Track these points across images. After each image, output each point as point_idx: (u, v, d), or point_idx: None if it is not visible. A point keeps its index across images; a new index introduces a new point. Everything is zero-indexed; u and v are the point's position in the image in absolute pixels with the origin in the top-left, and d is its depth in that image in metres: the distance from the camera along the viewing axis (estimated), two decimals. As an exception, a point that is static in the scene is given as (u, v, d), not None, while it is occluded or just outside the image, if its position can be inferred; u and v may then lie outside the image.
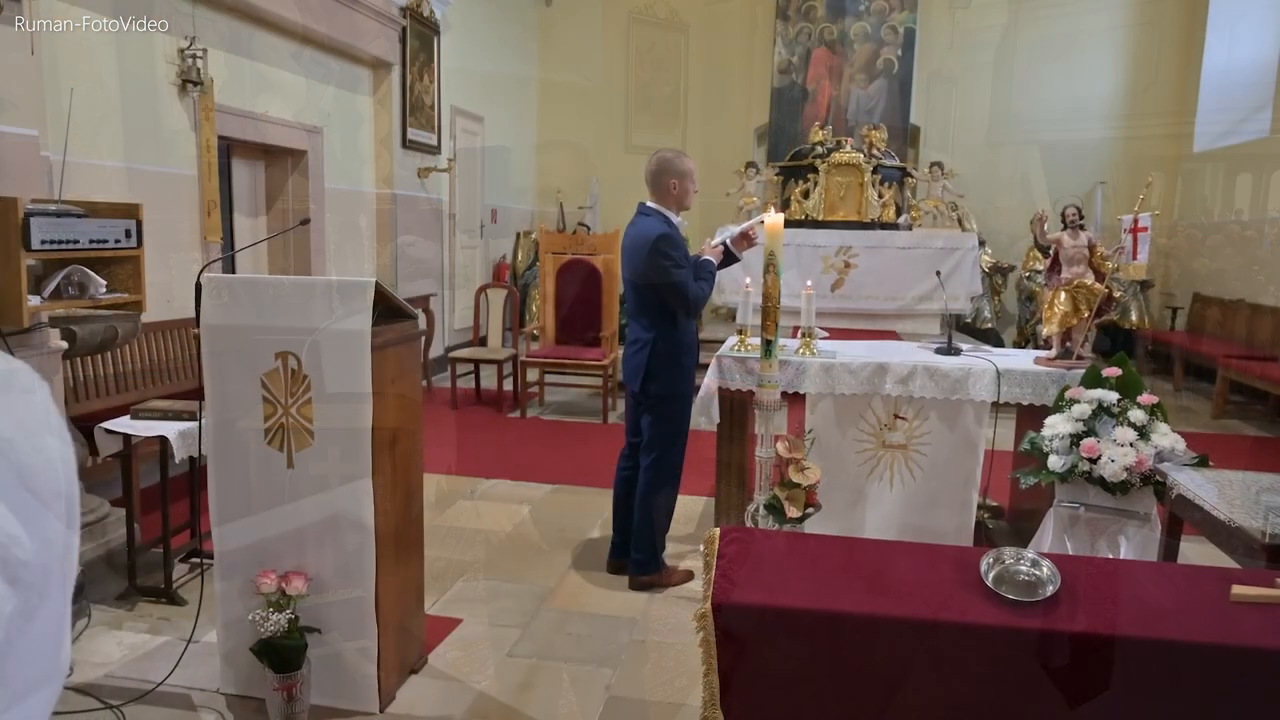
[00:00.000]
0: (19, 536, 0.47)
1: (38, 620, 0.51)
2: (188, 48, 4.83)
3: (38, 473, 0.50)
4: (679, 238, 3.47)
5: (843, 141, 8.20)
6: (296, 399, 2.47)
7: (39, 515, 0.50)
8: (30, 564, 0.48)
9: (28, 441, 0.50)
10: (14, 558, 0.47)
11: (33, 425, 0.51)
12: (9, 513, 0.47)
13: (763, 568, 1.82)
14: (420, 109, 7.40)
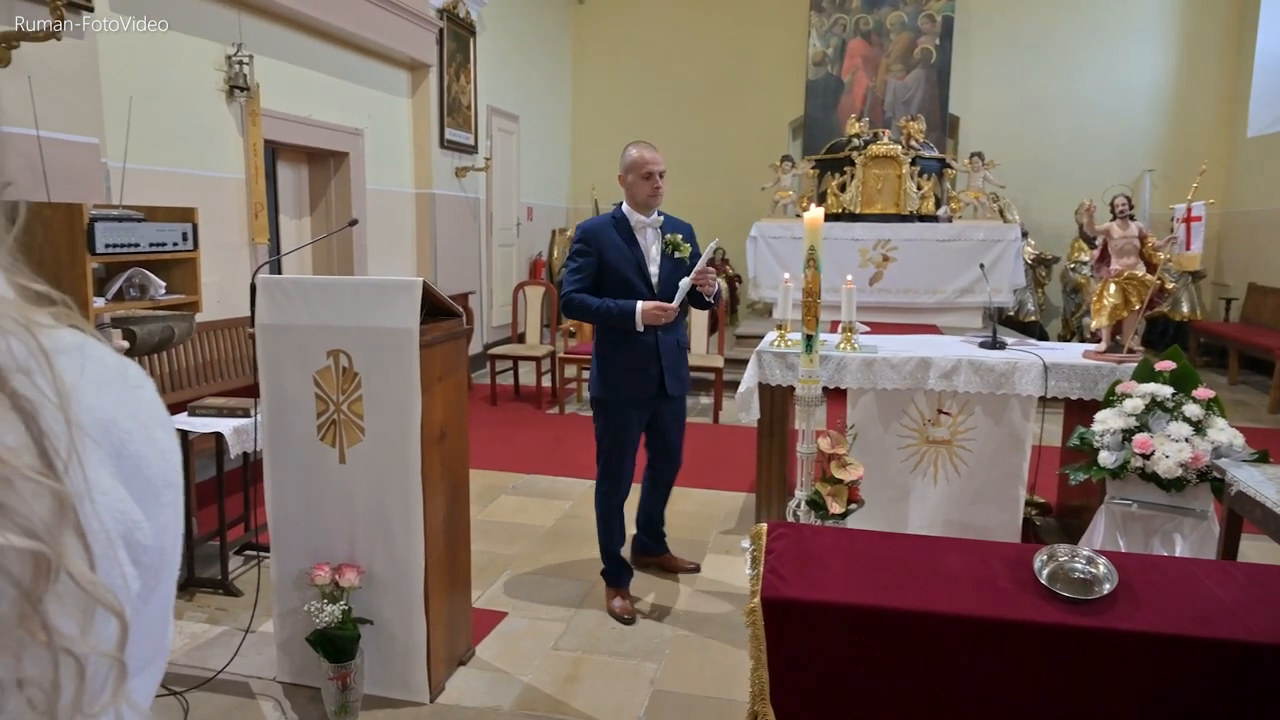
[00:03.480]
0: (141, 522, 0.50)
1: (152, 602, 0.54)
2: (234, 54, 4.93)
3: (152, 463, 0.53)
4: (600, 237, 3.11)
5: (880, 133, 8.12)
6: (348, 396, 2.52)
7: (155, 503, 0.52)
8: (149, 548, 0.51)
9: (142, 433, 0.52)
10: (137, 542, 0.50)
11: (145, 419, 0.54)
12: (131, 499, 0.50)
13: (811, 563, 1.82)
14: (457, 109, 7.47)
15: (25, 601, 0.40)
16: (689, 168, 9.93)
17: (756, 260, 7.87)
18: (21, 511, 0.41)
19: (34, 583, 0.41)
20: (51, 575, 0.41)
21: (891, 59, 8.97)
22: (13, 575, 0.40)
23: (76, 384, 0.46)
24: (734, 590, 3.43)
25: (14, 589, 0.40)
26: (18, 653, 0.40)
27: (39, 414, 0.43)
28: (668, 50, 10.08)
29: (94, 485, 0.46)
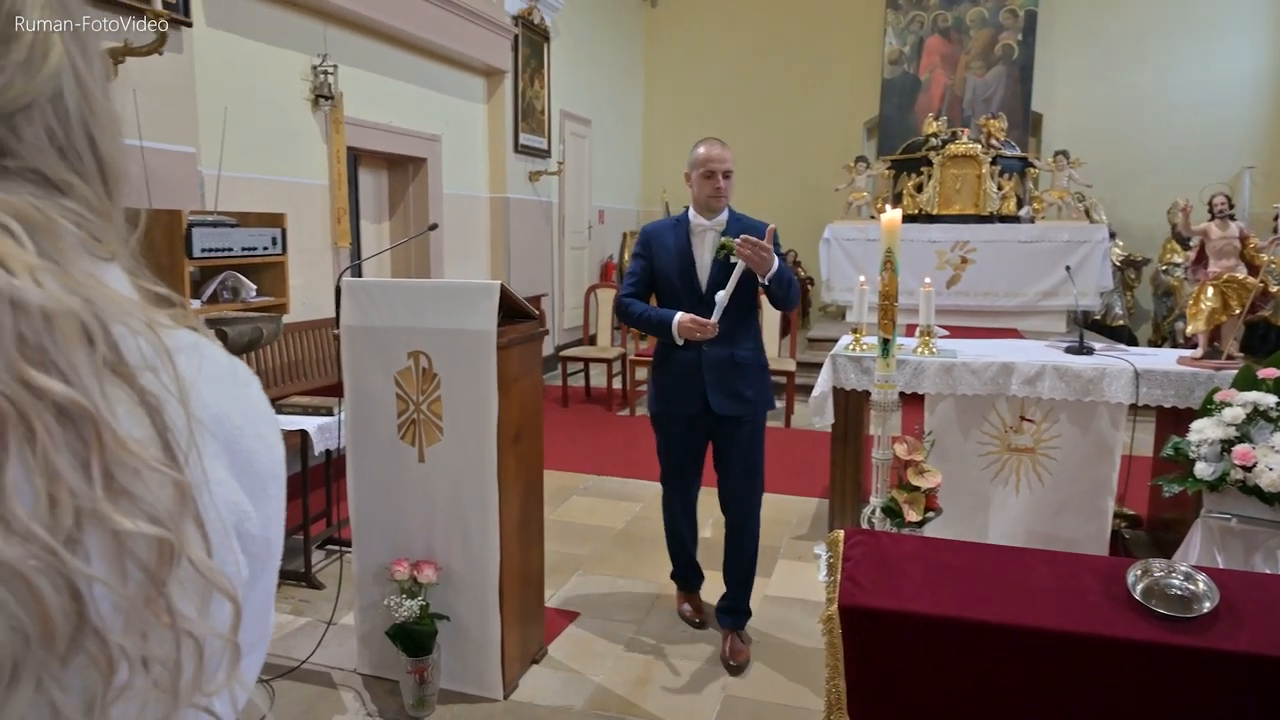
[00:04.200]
0: (250, 513, 0.53)
1: (257, 589, 0.56)
2: (320, 64, 5.10)
3: (260, 457, 0.55)
4: (655, 240, 2.93)
5: (959, 132, 7.92)
6: (427, 396, 2.58)
7: (263, 495, 0.55)
8: (257, 538, 0.54)
9: (251, 429, 0.55)
10: (247, 531, 0.52)
11: (254, 415, 0.56)
12: (242, 491, 0.52)
13: (890, 571, 1.79)
14: (531, 114, 7.58)
15: (151, 584, 0.43)
16: (760, 169, 9.86)
17: (829, 262, 7.77)
18: (148, 500, 0.43)
19: (159, 567, 0.43)
20: (174, 560, 0.44)
21: (971, 56, 8.74)
22: (140, 559, 0.43)
23: (195, 381, 0.48)
24: (805, 597, 3.39)
25: (141, 572, 0.43)
26: (144, 632, 0.43)
27: (163, 409, 0.45)
28: (739, 51, 10.03)
29: (210, 477, 0.49)
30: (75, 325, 0.42)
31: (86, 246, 0.45)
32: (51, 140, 0.47)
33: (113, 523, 0.42)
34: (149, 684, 0.44)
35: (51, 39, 0.46)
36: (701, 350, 2.84)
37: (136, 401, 0.44)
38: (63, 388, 0.41)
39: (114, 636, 0.42)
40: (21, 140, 0.45)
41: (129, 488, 0.43)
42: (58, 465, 0.40)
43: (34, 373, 0.40)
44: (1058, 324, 7.34)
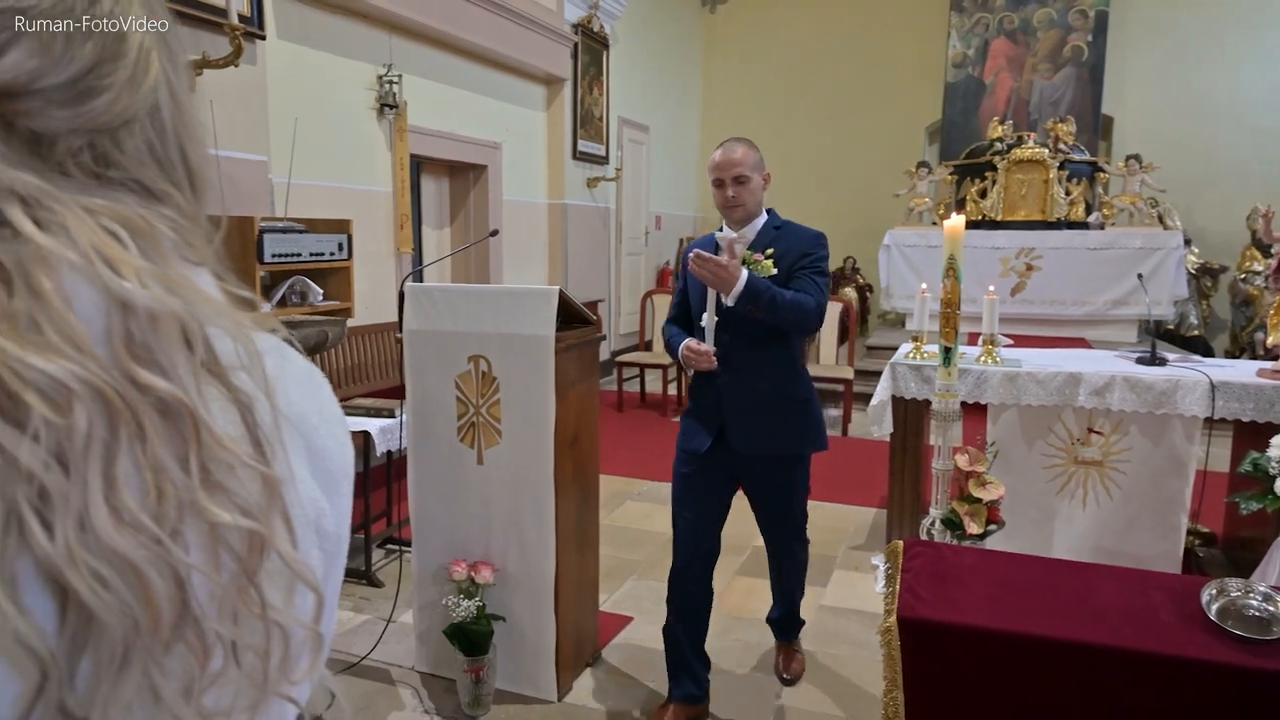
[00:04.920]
0: (327, 510, 0.55)
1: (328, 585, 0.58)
2: (385, 74, 5.23)
3: (334, 455, 0.58)
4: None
5: (1025, 136, 7.73)
6: (486, 399, 2.63)
7: (336, 493, 0.57)
8: (330, 534, 0.56)
9: (326, 428, 0.57)
10: (323, 528, 0.55)
11: (329, 415, 0.58)
12: (319, 488, 0.54)
13: (951, 583, 1.75)
14: (590, 121, 7.65)
15: (243, 574, 0.45)
16: (820, 175, 9.78)
17: (889, 269, 7.66)
18: (241, 494, 0.45)
19: (250, 558, 0.46)
20: (265, 552, 0.46)
21: (1038, 58, 8.53)
22: (234, 550, 0.45)
23: (279, 381, 0.50)
24: (862, 608, 3.34)
25: (234, 563, 0.45)
26: (236, 620, 0.45)
27: (254, 407, 0.48)
28: (799, 56, 9.96)
29: (294, 474, 0.51)
30: (176, 326, 0.45)
31: (180, 252, 0.47)
32: (151, 152, 0.49)
33: (210, 515, 0.44)
34: (240, 671, 0.46)
35: (151, 55, 0.49)
36: (725, 377, 2.47)
37: (229, 399, 0.47)
38: (166, 385, 0.43)
39: (210, 624, 0.44)
40: (124, 152, 0.48)
41: (223, 482, 0.45)
42: (163, 459, 0.43)
43: (141, 370, 0.43)
44: (1128, 334, 7.10)
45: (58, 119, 0.45)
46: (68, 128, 0.46)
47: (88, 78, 0.46)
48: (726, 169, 2.52)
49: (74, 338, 0.41)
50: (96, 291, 0.42)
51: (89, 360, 0.41)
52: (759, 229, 2.56)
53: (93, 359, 0.41)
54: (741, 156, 2.51)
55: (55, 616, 0.40)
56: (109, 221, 0.44)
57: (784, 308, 2.36)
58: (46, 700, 0.39)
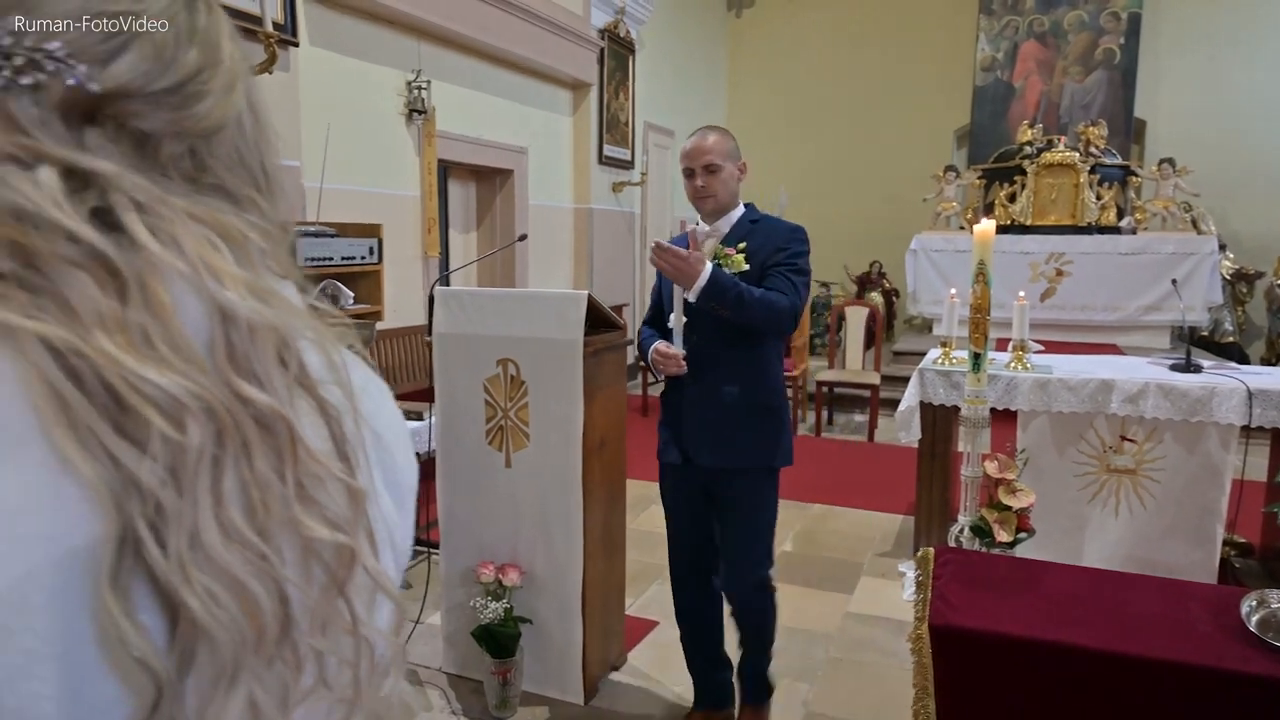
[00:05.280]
0: (398, 523, 0.55)
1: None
2: (414, 80, 5.29)
3: (403, 469, 0.58)
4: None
5: (1055, 140, 7.65)
6: (515, 402, 2.64)
7: (404, 507, 0.57)
8: (400, 549, 0.56)
9: (395, 441, 0.57)
10: (395, 542, 0.55)
11: (397, 429, 0.58)
12: (392, 502, 0.55)
13: (983, 591, 1.74)
14: (615, 126, 7.67)
15: (333, 588, 0.45)
16: (846, 179, 9.74)
17: (916, 274, 7.60)
18: (331, 508, 0.46)
19: (340, 572, 0.46)
20: (353, 566, 0.46)
21: (1069, 61, 8.44)
22: (326, 564, 0.45)
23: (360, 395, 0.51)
24: (889, 615, 3.31)
25: (325, 576, 0.45)
26: (324, 634, 0.45)
27: (342, 421, 0.48)
28: (825, 60, 9.93)
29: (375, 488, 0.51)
30: (273, 339, 0.45)
31: (266, 262, 0.48)
32: (239, 159, 0.50)
33: (306, 529, 0.44)
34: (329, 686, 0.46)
35: (239, 64, 0.50)
36: (691, 383, 2.32)
37: (318, 412, 0.47)
38: (266, 398, 0.43)
39: (304, 638, 0.44)
40: (216, 158, 0.49)
41: (315, 495, 0.45)
42: (265, 474, 0.43)
43: (243, 383, 0.43)
44: (1161, 340, 7.00)
45: (164, 122, 0.46)
46: (172, 131, 0.46)
47: (192, 83, 0.47)
48: (696, 157, 2.31)
49: (186, 351, 0.41)
50: (201, 302, 0.43)
51: (199, 374, 0.41)
52: (734, 222, 2.36)
53: (202, 372, 0.41)
54: (713, 144, 2.30)
55: (166, 634, 0.40)
56: (209, 230, 0.45)
57: (752, 306, 2.16)
58: (160, 716, 0.39)
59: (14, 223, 0.40)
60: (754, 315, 2.18)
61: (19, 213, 0.40)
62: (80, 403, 0.38)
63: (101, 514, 0.38)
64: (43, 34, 0.42)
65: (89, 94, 0.43)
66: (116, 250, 0.41)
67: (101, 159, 0.42)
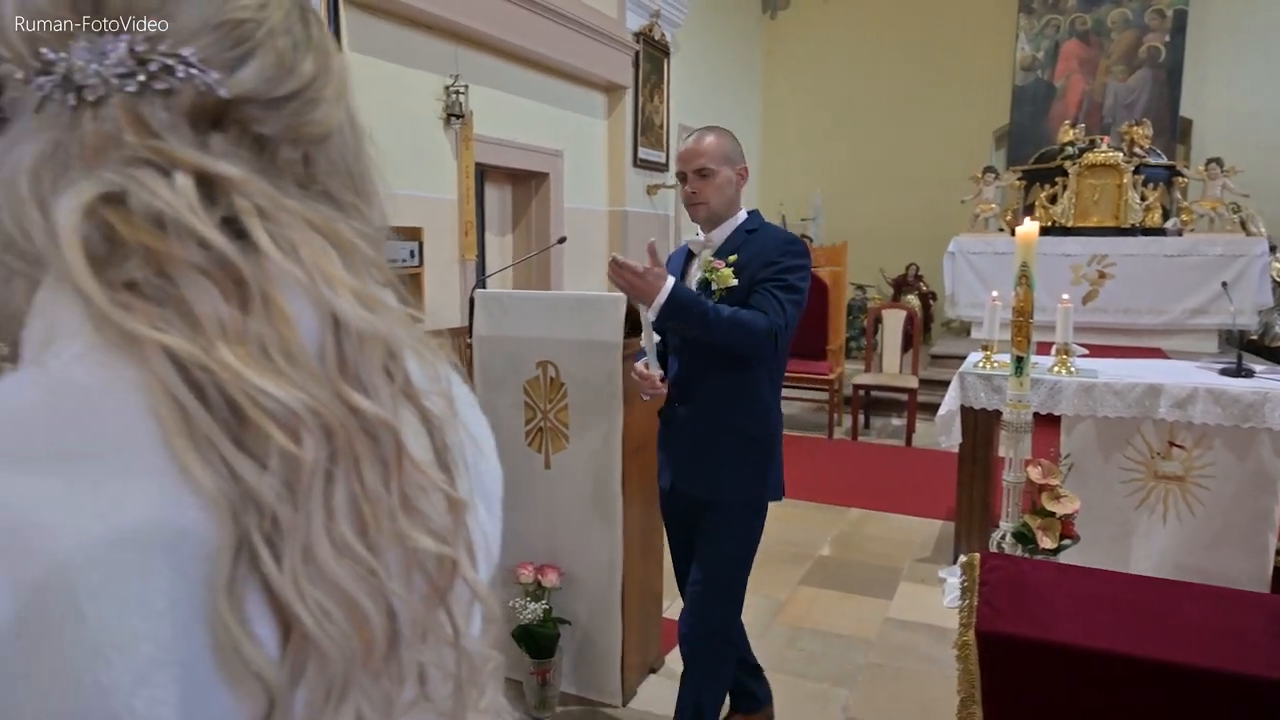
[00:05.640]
0: (490, 533, 0.56)
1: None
2: (452, 84, 5.34)
3: (492, 478, 0.58)
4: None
5: (1097, 140, 7.51)
6: (554, 404, 2.66)
7: (493, 516, 0.57)
8: (493, 559, 0.56)
9: (486, 449, 0.57)
10: (492, 556, 0.55)
11: (486, 436, 0.58)
12: (485, 512, 0.55)
13: (1031, 598, 1.71)
14: (650, 128, 7.68)
15: (434, 597, 0.45)
16: (882, 181, 9.66)
17: (954, 277, 7.51)
18: (434, 519, 0.46)
19: (441, 583, 0.46)
20: (454, 577, 0.46)
21: (1112, 60, 8.28)
22: (427, 573, 0.45)
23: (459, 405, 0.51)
24: (929, 622, 3.27)
25: (427, 586, 0.45)
26: (425, 642, 0.45)
27: (444, 431, 0.48)
28: (861, 61, 9.86)
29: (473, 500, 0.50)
30: (381, 348, 0.45)
31: (369, 270, 0.48)
32: (342, 165, 0.51)
33: (411, 541, 0.44)
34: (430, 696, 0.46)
35: (344, 72, 0.51)
36: (676, 405, 2.21)
37: (420, 422, 0.47)
38: (375, 409, 0.43)
39: (408, 651, 0.44)
40: (324, 164, 0.50)
41: (419, 506, 0.45)
42: (374, 487, 0.43)
43: (352, 393, 0.43)
44: (1208, 344, 6.84)
45: (282, 128, 0.47)
46: (289, 138, 0.47)
47: (309, 90, 0.48)
48: (688, 160, 2.16)
49: (302, 362, 0.41)
50: (316, 310, 0.43)
51: (315, 386, 0.41)
52: (730, 232, 2.18)
53: (317, 384, 0.42)
54: (706, 146, 2.13)
55: (278, 647, 0.40)
56: (323, 237, 0.45)
57: (720, 327, 1.96)
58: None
59: (150, 228, 0.40)
60: (724, 337, 1.99)
61: (157, 218, 0.40)
62: (201, 415, 0.39)
63: (218, 524, 0.38)
64: (177, 40, 0.43)
65: (217, 99, 0.44)
66: (242, 258, 0.41)
67: (228, 164, 0.43)
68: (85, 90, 0.42)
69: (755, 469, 2.14)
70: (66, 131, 0.42)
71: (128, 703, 0.36)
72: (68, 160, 0.42)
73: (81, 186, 0.40)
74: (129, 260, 0.40)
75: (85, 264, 0.39)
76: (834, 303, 6.66)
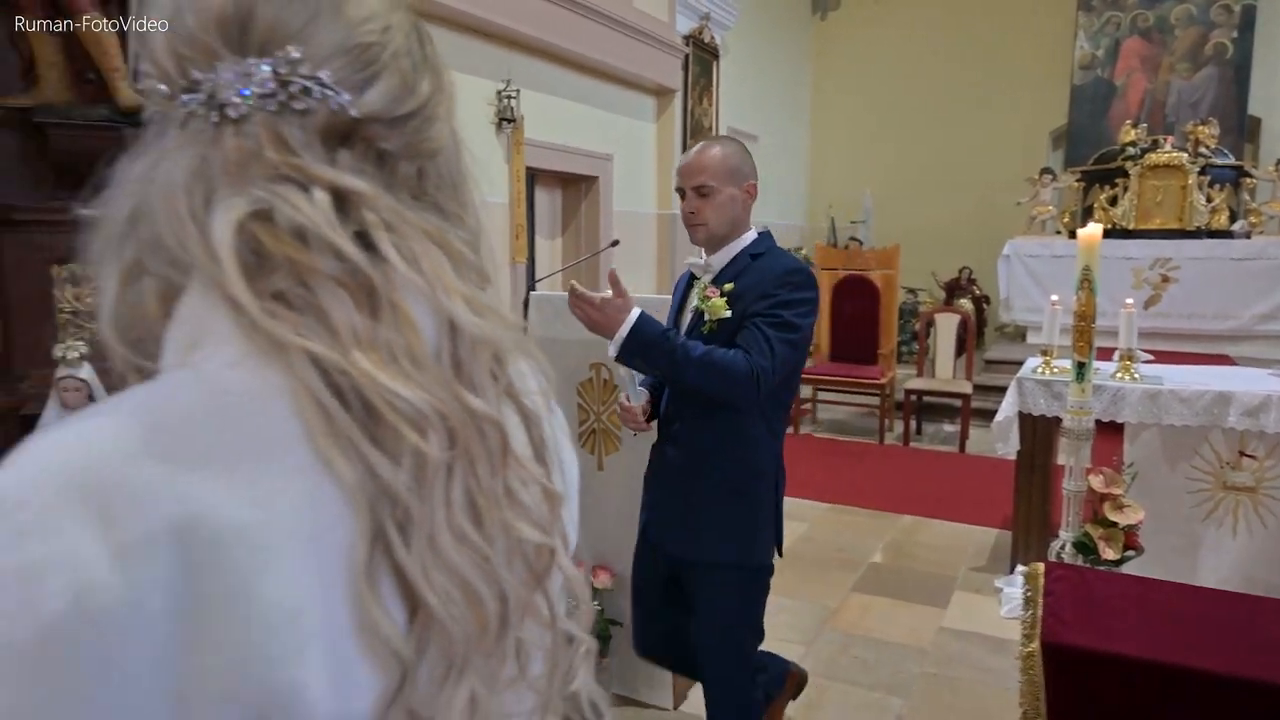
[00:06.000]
0: (572, 523, 0.58)
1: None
2: (504, 89, 5.40)
3: (572, 471, 0.61)
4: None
5: (1160, 140, 7.30)
6: (607, 406, 2.67)
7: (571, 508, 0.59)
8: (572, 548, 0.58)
9: (565, 443, 0.60)
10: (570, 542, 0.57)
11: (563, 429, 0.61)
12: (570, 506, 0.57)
13: (1100, 610, 1.67)
14: (699, 131, 7.67)
15: (533, 581, 0.49)
16: (935, 182, 9.51)
17: (1009, 280, 7.36)
18: (534, 510, 0.49)
19: (539, 566, 0.49)
20: (552, 565, 0.49)
21: (1176, 57, 8.04)
22: (528, 559, 0.48)
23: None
24: (985, 632, 3.21)
25: (527, 571, 0.48)
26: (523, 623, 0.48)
27: (541, 427, 0.51)
28: (913, 61, 9.71)
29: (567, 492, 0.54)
30: (490, 351, 0.48)
31: (471, 275, 0.51)
32: (449, 177, 0.54)
33: (517, 531, 0.47)
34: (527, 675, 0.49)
35: (452, 89, 0.55)
36: (664, 445, 2.01)
37: (520, 419, 0.50)
38: (486, 408, 0.46)
39: (512, 632, 0.47)
40: (435, 177, 0.53)
41: (521, 499, 0.48)
42: (486, 480, 0.46)
43: (467, 394, 0.46)
44: (1278, 350, 6.59)
45: (402, 145, 0.50)
46: (408, 153, 0.50)
47: (427, 108, 0.51)
48: (686, 175, 1.95)
49: (427, 366, 0.45)
50: (434, 316, 0.46)
51: (437, 387, 0.45)
52: (732, 257, 1.94)
53: (438, 386, 0.45)
54: (708, 160, 1.91)
55: (405, 625, 0.43)
56: (439, 248, 0.48)
57: (690, 369, 1.72)
58: (401, 700, 0.43)
59: (294, 241, 0.44)
60: (696, 380, 1.75)
61: (300, 231, 0.44)
62: (341, 415, 0.42)
63: (358, 515, 0.42)
64: (314, 64, 0.46)
65: (348, 119, 0.47)
66: (373, 269, 0.45)
67: (358, 179, 0.46)
68: (228, 109, 0.45)
69: (739, 527, 1.87)
70: (210, 146, 0.45)
71: (290, 674, 0.39)
72: (212, 174, 0.45)
73: (234, 203, 0.43)
74: (275, 272, 0.43)
75: (241, 276, 0.42)
76: (885, 306, 6.58)
